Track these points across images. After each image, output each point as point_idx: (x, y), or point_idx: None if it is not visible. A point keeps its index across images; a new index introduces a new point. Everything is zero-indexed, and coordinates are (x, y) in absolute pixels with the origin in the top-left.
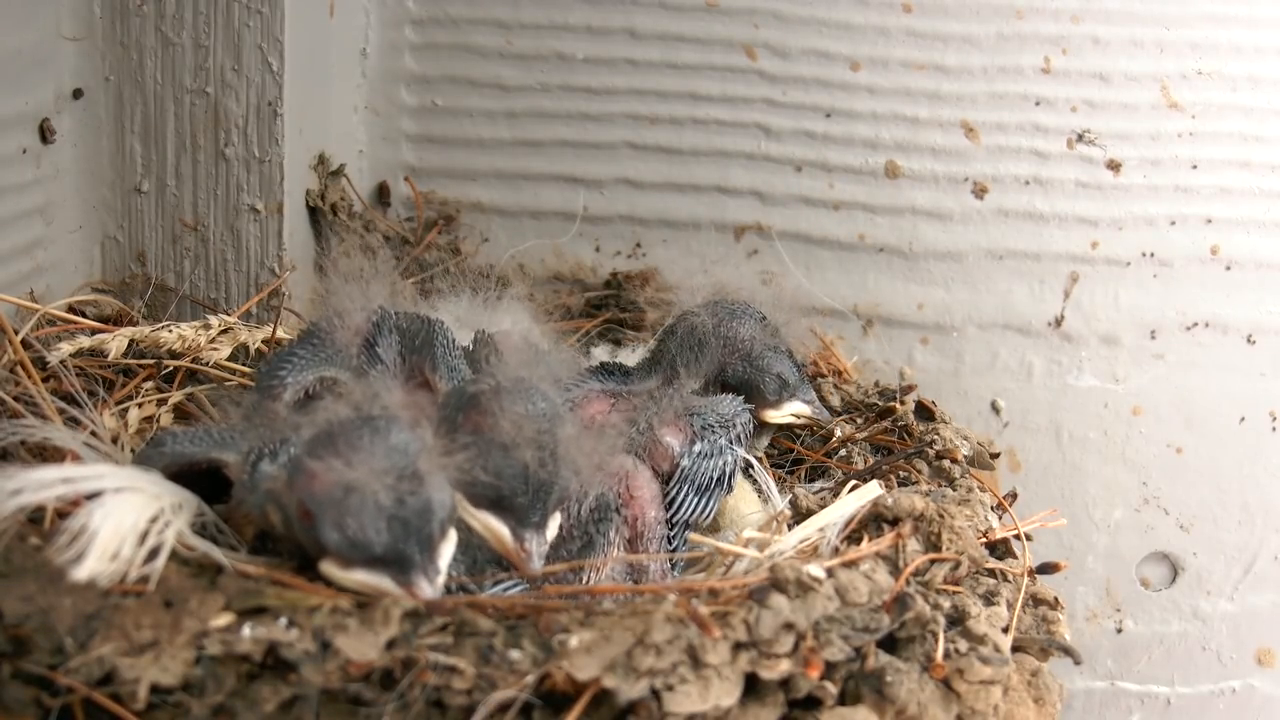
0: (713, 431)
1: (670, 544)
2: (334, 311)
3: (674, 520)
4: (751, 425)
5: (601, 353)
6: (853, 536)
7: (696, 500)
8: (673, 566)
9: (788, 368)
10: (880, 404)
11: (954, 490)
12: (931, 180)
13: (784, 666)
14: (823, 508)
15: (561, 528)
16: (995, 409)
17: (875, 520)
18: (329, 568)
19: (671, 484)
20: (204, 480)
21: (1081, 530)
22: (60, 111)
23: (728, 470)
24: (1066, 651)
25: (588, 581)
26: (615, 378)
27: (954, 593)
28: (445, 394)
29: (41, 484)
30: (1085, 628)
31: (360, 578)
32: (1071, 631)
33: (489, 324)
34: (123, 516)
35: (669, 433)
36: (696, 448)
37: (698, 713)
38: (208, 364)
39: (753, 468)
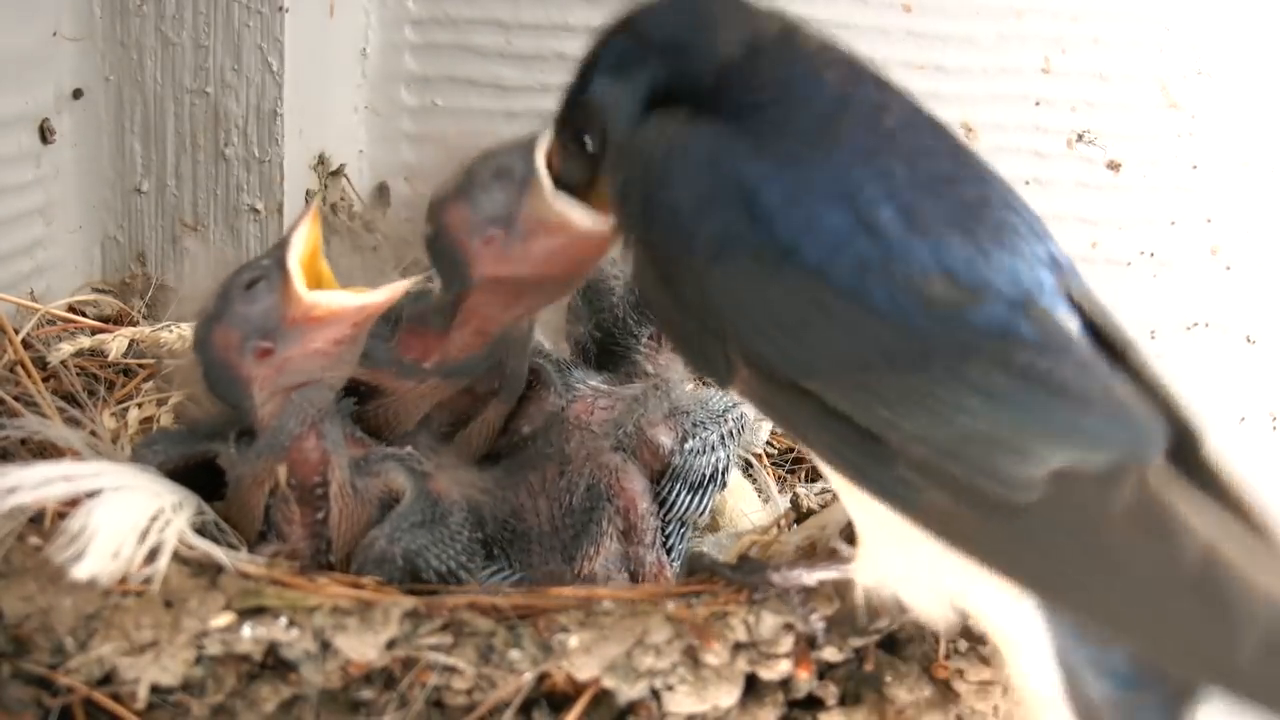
0: (704, 428)
1: (666, 541)
2: None
3: (668, 518)
4: (742, 418)
5: None
6: (854, 536)
7: (690, 497)
8: (670, 558)
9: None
10: None
11: None
12: None
13: (784, 667)
14: (824, 507)
15: (554, 517)
16: None
17: None
18: None
19: (664, 482)
20: (202, 479)
21: None
22: (60, 111)
23: (720, 467)
24: None
25: (580, 570)
26: (561, 370)
27: None
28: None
29: (39, 481)
30: None
31: None
32: None
33: None
34: (123, 515)
35: (659, 431)
36: (688, 445)
37: (697, 713)
38: None
39: (752, 467)
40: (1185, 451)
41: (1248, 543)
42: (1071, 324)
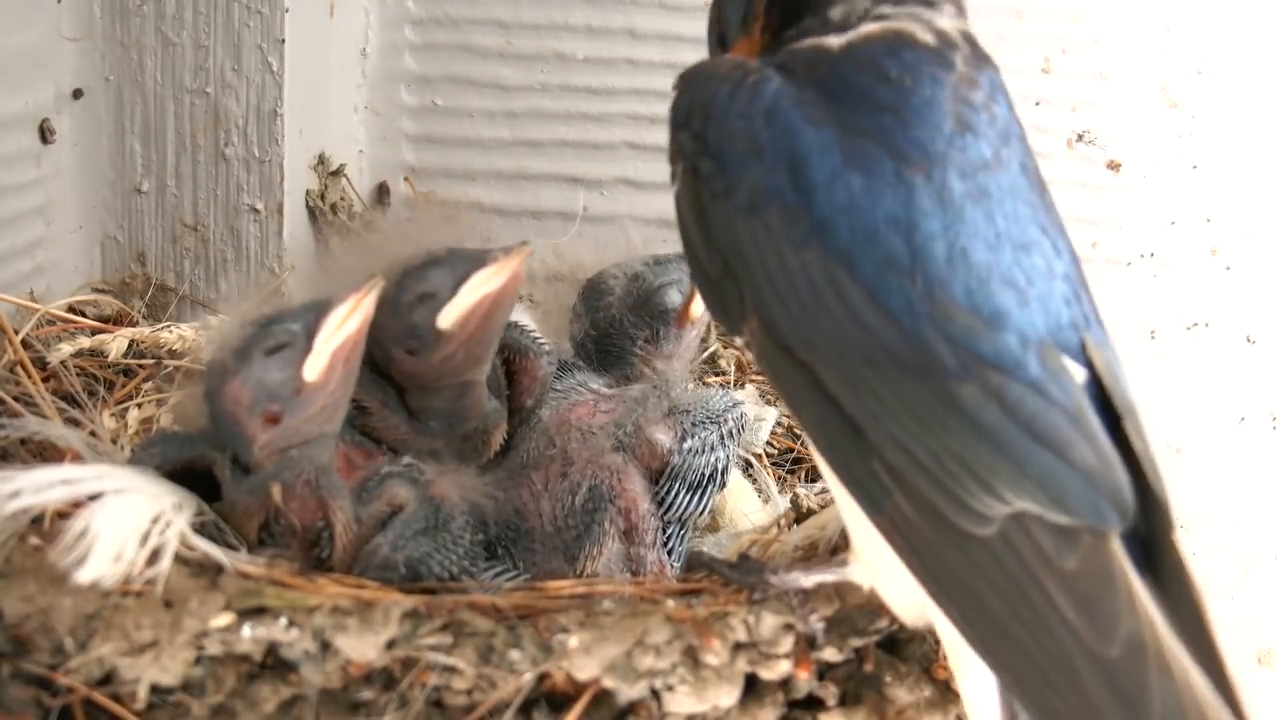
0: (703, 428)
1: (667, 541)
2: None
3: (667, 518)
4: (742, 418)
5: None
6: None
7: (689, 497)
8: (670, 560)
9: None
10: None
11: None
12: None
13: (784, 667)
14: (824, 507)
15: (556, 517)
16: None
17: None
18: None
19: (662, 481)
20: (202, 479)
21: None
22: (60, 111)
23: (719, 466)
24: None
25: (582, 570)
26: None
27: None
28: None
29: (40, 485)
30: None
31: None
32: None
33: None
34: (124, 518)
35: (658, 430)
36: (686, 444)
37: (697, 713)
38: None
39: (752, 467)
40: (1151, 532)
41: (1182, 636)
42: (1079, 376)
